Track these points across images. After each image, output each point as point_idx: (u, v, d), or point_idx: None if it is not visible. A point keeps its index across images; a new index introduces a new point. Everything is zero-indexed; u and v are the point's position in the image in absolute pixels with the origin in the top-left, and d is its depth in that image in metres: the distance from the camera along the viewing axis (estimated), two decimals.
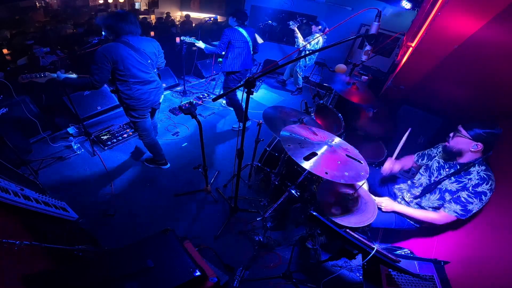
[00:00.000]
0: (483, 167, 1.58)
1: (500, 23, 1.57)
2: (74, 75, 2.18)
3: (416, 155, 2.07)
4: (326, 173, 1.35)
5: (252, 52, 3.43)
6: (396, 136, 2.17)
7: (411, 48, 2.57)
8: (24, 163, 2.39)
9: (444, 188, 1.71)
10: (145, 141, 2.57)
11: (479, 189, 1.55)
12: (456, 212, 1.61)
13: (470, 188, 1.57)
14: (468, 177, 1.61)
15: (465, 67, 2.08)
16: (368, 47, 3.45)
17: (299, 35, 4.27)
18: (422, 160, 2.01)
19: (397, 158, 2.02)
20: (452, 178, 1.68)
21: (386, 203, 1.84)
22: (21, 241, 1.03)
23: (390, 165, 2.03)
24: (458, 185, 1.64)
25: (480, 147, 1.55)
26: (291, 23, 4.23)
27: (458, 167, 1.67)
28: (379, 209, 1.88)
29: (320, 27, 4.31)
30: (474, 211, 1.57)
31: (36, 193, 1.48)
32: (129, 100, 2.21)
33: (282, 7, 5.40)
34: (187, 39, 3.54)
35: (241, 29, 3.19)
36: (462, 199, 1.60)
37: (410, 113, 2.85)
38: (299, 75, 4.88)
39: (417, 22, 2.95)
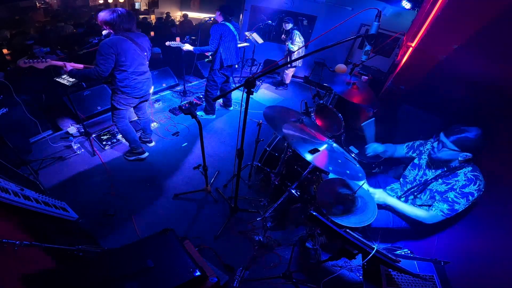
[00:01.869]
0: (470, 168, 1.59)
1: (500, 24, 1.57)
2: (80, 65, 2.33)
3: (405, 146, 2.06)
4: (330, 168, 1.36)
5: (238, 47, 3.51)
6: (396, 136, 2.17)
7: (411, 48, 2.57)
8: (24, 163, 2.39)
9: (434, 189, 1.72)
10: (118, 126, 2.68)
11: (466, 190, 1.56)
12: (443, 212, 1.62)
13: (458, 189, 1.58)
14: (456, 178, 1.62)
15: (464, 67, 2.08)
16: (368, 47, 3.45)
17: (290, 45, 4.52)
18: (412, 152, 2.01)
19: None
20: (440, 180, 1.69)
21: (379, 195, 1.81)
22: (21, 241, 1.03)
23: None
24: (446, 186, 1.66)
25: (469, 157, 1.55)
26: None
27: (445, 169, 1.69)
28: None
29: (291, 24, 4.54)
30: (459, 211, 1.59)
31: (36, 193, 1.48)
32: (126, 88, 2.39)
33: (282, 7, 5.39)
34: (173, 45, 3.57)
35: (228, 24, 3.27)
36: (450, 199, 1.61)
37: (410, 113, 2.85)
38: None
39: (417, 22, 2.95)
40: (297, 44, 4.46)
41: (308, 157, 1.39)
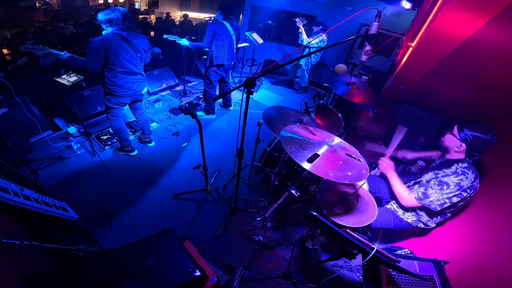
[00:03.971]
0: (465, 165, 1.61)
1: (500, 24, 1.57)
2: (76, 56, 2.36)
3: None
4: (331, 174, 1.35)
5: (234, 47, 3.48)
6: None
7: (411, 48, 2.57)
8: (24, 163, 2.39)
9: (425, 180, 1.76)
10: (112, 125, 2.71)
11: (445, 179, 1.59)
12: (417, 194, 1.67)
13: (439, 177, 1.63)
14: (445, 170, 1.66)
15: (464, 67, 2.08)
16: (368, 47, 3.44)
17: (303, 31, 4.27)
18: None
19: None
20: (434, 171, 1.74)
21: (386, 162, 1.92)
22: (21, 241, 1.03)
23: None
24: (433, 174, 1.70)
25: (463, 148, 1.60)
26: (297, 20, 4.23)
27: (444, 160, 1.74)
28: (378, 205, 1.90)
29: (320, 27, 4.36)
30: (430, 199, 1.62)
31: (36, 193, 1.48)
32: (113, 86, 2.39)
33: (282, 7, 5.39)
34: (170, 37, 3.56)
35: (225, 23, 3.25)
36: (428, 183, 1.66)
37: (410, 113, 2.85)
38: (306, 74, 4.89)
39: (417, 22, 2.95)
40: (308, 39, 4.33)
41: (306, 166, 1.39)
